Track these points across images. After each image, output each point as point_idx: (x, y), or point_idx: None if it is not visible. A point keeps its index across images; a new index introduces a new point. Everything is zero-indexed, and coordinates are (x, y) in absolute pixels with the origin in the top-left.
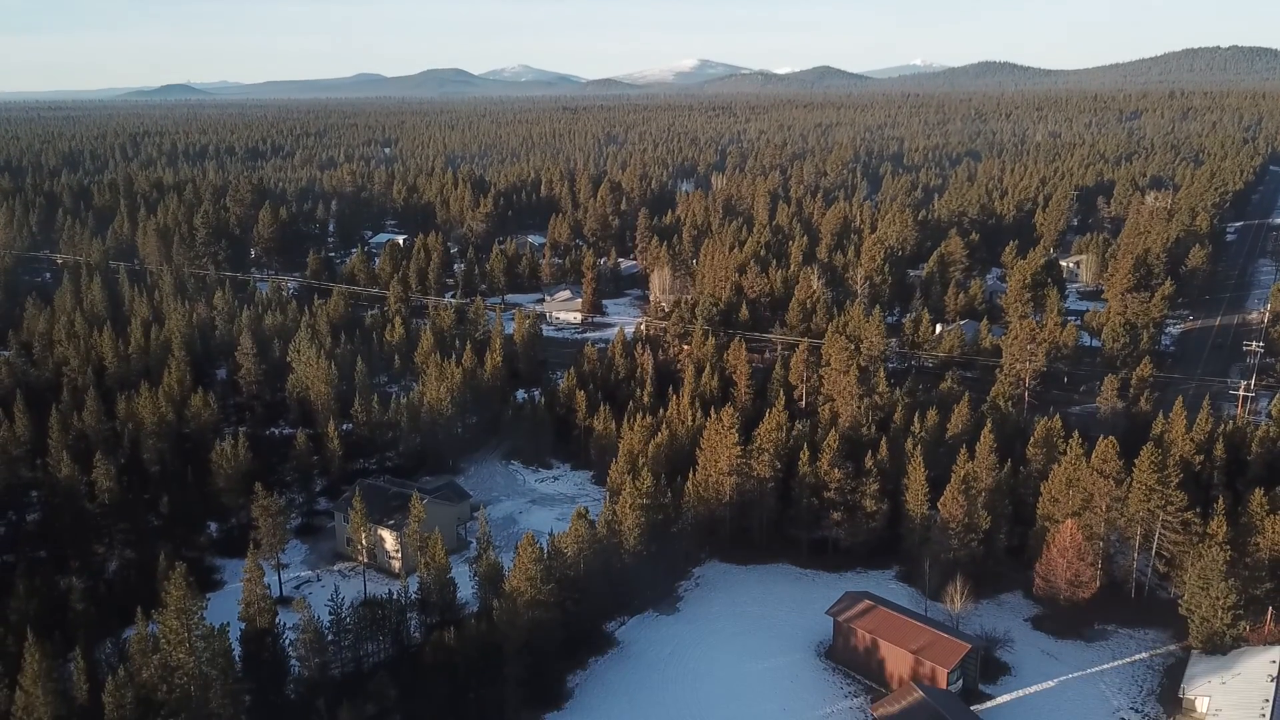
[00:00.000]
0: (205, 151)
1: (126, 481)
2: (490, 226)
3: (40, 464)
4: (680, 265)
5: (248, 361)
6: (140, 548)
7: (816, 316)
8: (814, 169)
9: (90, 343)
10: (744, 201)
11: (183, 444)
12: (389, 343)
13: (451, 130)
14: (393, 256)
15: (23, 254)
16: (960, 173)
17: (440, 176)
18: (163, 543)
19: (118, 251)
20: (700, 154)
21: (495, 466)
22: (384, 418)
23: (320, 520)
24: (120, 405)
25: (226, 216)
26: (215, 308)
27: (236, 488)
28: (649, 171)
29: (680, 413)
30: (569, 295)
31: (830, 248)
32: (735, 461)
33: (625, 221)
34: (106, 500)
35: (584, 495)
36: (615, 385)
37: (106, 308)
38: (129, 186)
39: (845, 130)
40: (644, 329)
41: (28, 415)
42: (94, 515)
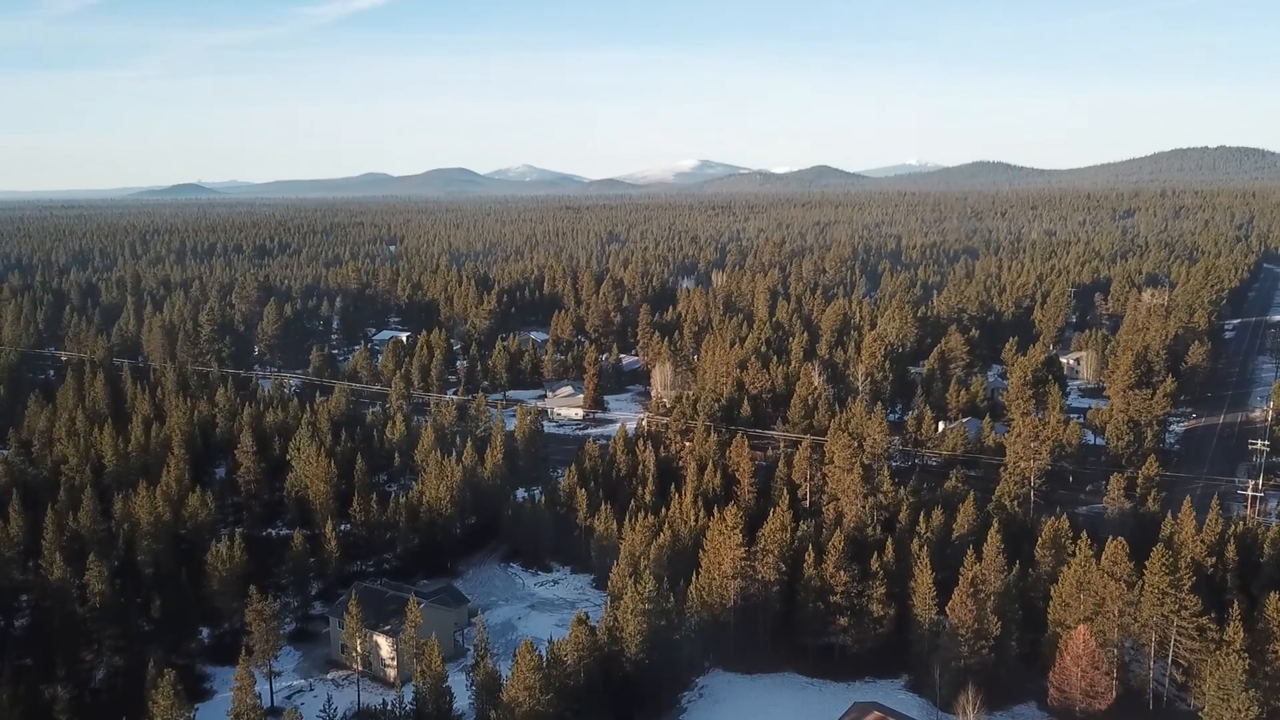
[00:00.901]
0: (213, 249)
1: (119, 584)
2: (493, 323)
3: (32, 566)
4: (682, 361)
5: (247, 460)
6: (129, 654)
7: (819, 413)
8: (813, 266)
9: (90, 440)
10: (744, 298)
11: (178, 545)
12: (390, 440)
13: (457, 228)
14: (396, 353)
15: (28, 351)
16: (958, 270)
17: (444, 273)
18: (153, 648)
19: (122, 348)
20: (701, 251)
21: (494, 569)
22: (383, 517)
23: (315, 625)
24: (117, 505)
25: (231, 313)
26: (217, 405)
27: (230, 591)
28: (650, 268)
29: (683, 512)
30: (571, 391)
31: (831, 344)
32: (739, 564)
33: (627, 317)
34: (97, 604)
35: (584, 600)
36: (617, 483)
37: (108, 405)
38: (136, 283)
39: (843, 228)
40: (646, 425)
41: (23, 515)
42: (84, 619)
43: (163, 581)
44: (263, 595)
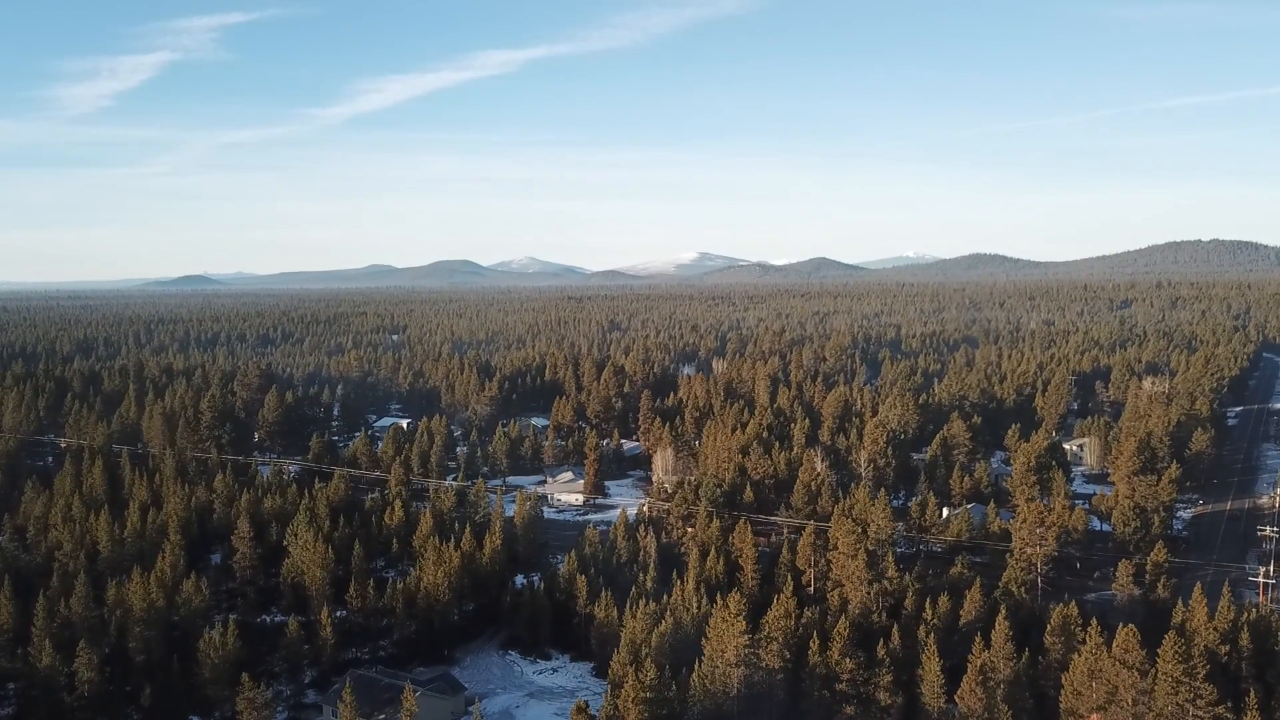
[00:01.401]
0: (217, 338)
1: (109, 672)
2: (494, 409)
3: (21, 653)
4: (683, 446)
5: (244, 545)
6: None
7: (822, 499)
8: (813, 354)
9: (86, 526)
10: (745, 385)
11: (171, 632)
12: (388, 526)
13: (459, 318)
14: (396, 439)
15: (28, 438)
16: (958, 358)
17: (446, 361)
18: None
19: (123, 435)
20: (701, 340)
21: (492, 657)
22: (379, 604)
23: (308, 714)
24: (111, 591)
25: (233, 400)
26: (215, 491)
27: (223, 679)
28: (652, 355)
29: (685, 599)
30: (571, 476)
31: (832, 430)
32: (743, 651)
33: (628, 403)
34: (85, 692)
35: (584, 689)
36: (617, 569)
37: (106, 491)
38: (139, 371)
39: (843, 318)
40: (647, 510)
41: (13, 602)
42: (72, 708)
43: (154, 669)
44: (255, 683)
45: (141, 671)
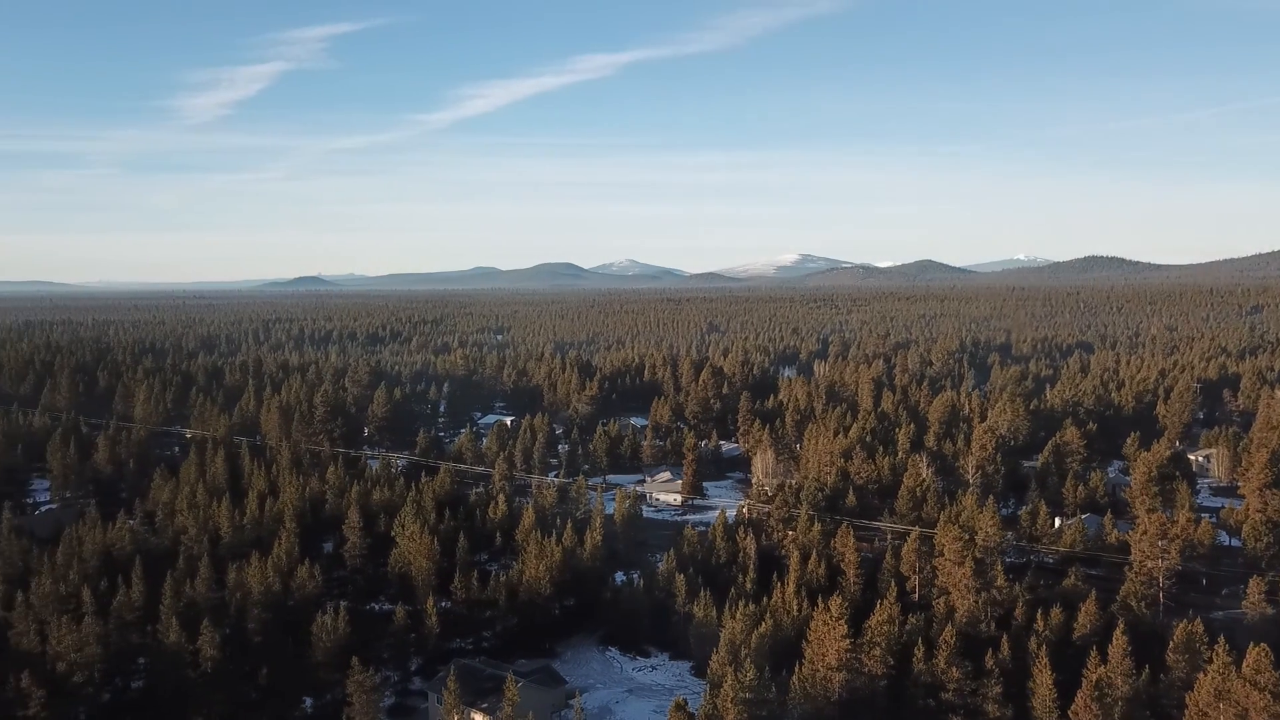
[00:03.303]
0: (329, 337)
1: (229, 651)
2: (594, 409)
3: (150, 630)
4: (783, 449)
5: (354, 535)
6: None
7: (927, 505)
8: (918, 358)
9: (209, 513)
10: (847, 388)
11: (286, 615)
12: (492, 520)
13: (561, 319)
14: (499, 436)
15: (156, 428)
16: (1072, 363)
17: (549, 361)
18: (259, 715)
19: (242, 427)
20: (802, 342)
21: (591, 652)
22: (482, 596)
23: (414, 700)
24: (231, 574)
25: (344, 396)
26: (327, 482)
27: (333, 662)
28: (751, 357)
29: (785, 601)
30: (669, 476)
31: (938, 435)
32: (844, 655)
33: (727, 405)
34: (209, 669)
35: (682, 687)
36: (716, 569)
37: (227, 480)
38: (258, 367)
39: (949, 321)
40: (746, 512)
41: (144, 582)
42: (195, 684)
43: (270, 650)
44: (364, 668)
45: (258, 652)
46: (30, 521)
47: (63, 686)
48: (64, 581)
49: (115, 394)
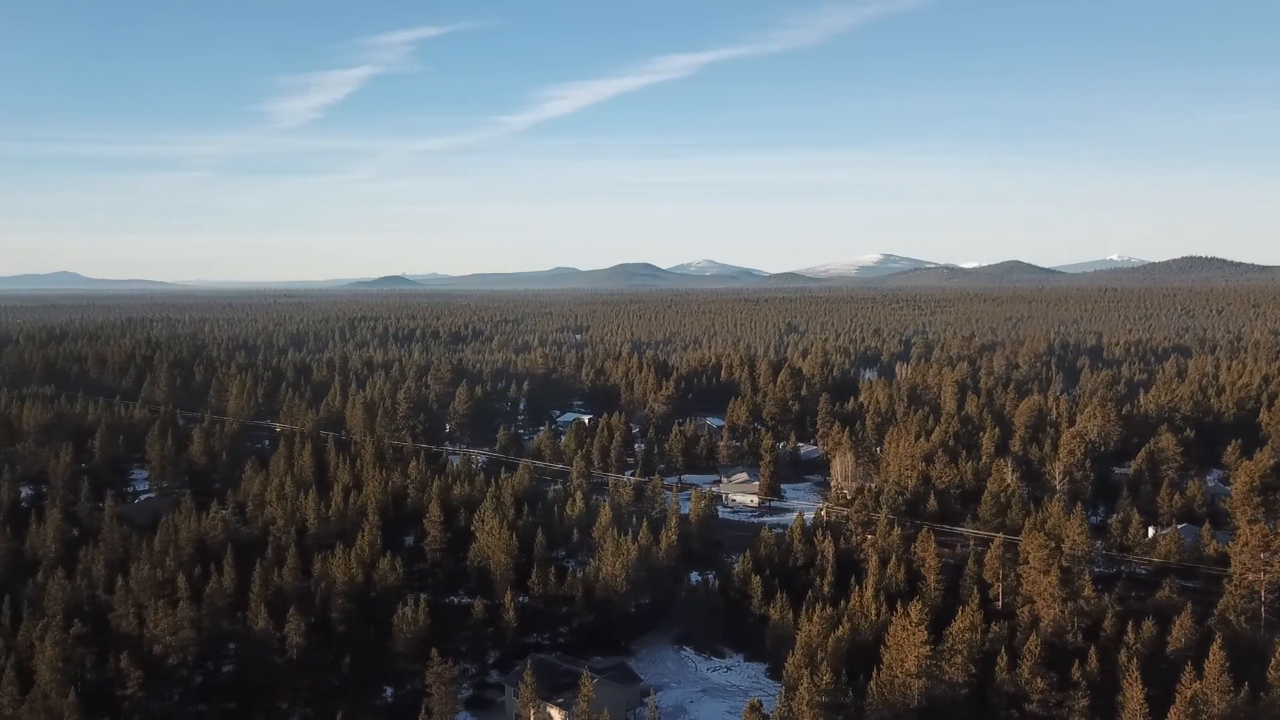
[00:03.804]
0: (413, 335)
1: (314, 639)
2: (671, 408)
3: (240, 617)
4: (863, 452)
5: (434, 529)
6: (320, 706)
7: (1012, 511)
8: (1004, 360)
9: (296, 504)
10: (930, 391)
11: (368, 606)
12: (569, 516)
13: (638, 319)
14: (578, 434)
15: (248, 422)
16: (1168, 368)
17: (626, 361)
18: (341, 702)
19: (329, 422)
20: (883, 344)
21: (666, 651)
22: (559, 592)
23: (491, 694)
24: (316, 565)
25: (427, 393)
26: (409, 477)
27: (413, 653)
28: (831, 359)
29: (863, 605)
30: (746, 477)
31: (1024, 440)
32: (924, 662)
33: (805, 406)
34: (295, 656)
35: (757, 689)
36: (793, 572)
37: (313, 473)
38: (344, 364)
39: (1037, 323)
40: (824, 515)
41: (234, 570)
42: (282, 670)
43: (353, 639)
44: (443, 660)
45: (342, 641)
46: (130, 509)
47: (159, 668)
48: (161, 568)
49: (210, 388)
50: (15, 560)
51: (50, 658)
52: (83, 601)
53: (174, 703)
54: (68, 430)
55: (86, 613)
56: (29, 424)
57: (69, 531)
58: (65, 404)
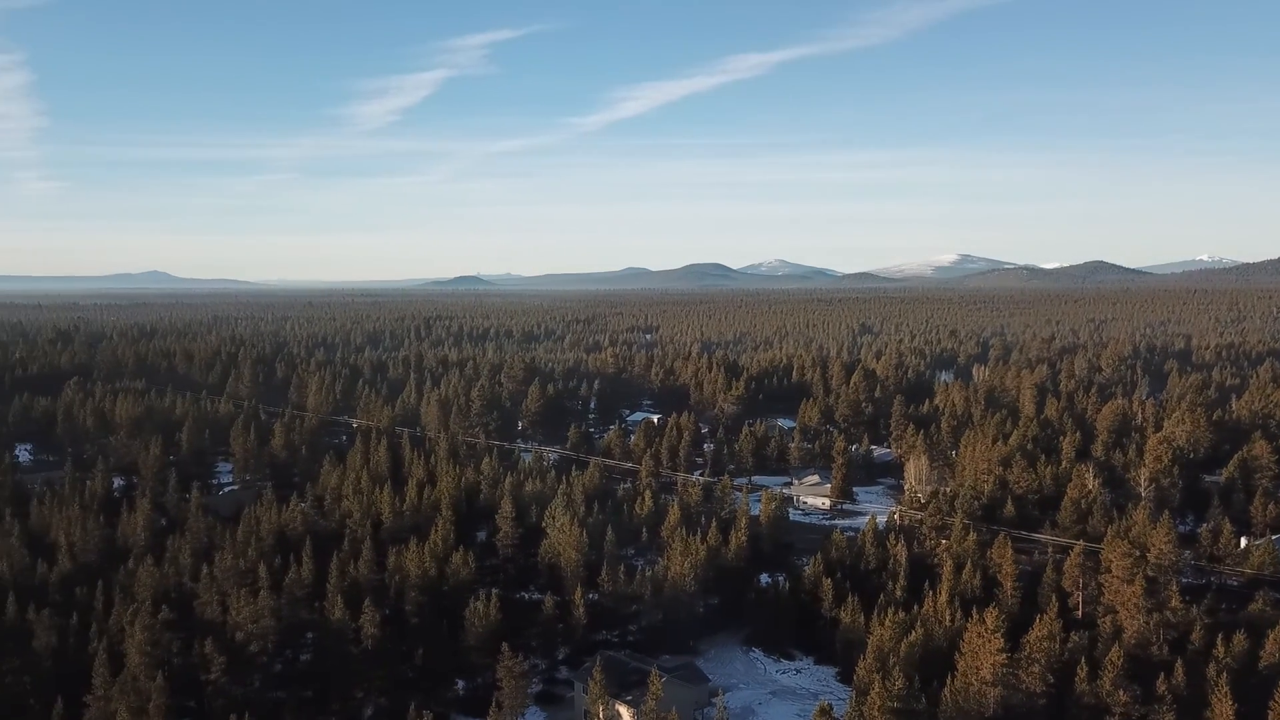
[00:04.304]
0: (486, 334)
1: (388, 630)
2: (741, 409)
3: (317, 607)
4: (938, 455)
5: (506, 525)
6: (394, 696)
7: (1093, 518)
8: (1086, 364)
9: (372, 498)
10: (1008, 394)
11: (441, 599)
12: (638, 515)
13: (709, 319)
14: (647, 433)
15: (326, 417)
16: (1262, 372)
17: (696, 360)
18: (414, 693)
19: (404, 418)
20: (960, 345)
21: (735, 651)
22: (628, 590)
23: (560, 689)
24: (391, 558)
25: (500, 391)
26: (482, 473)
27: (485, 647)
28: (905, 360)
29: (937, 611)
30: (817, 480)
31: (1107, 445)
32: (1000, 670)
33: (879, 408)
34: (369, 646)
35: (827, 692)
36: (864, 576)
37: (389, 468)
38: (419, 362)
39: (1122, 325)
40: (898, 518)
41: (313, 561)
42: (357, 660)
43: (426, 632)
44: (514, 654)
45: (415, 633)
46: (215, 501)
47: (241, 654)
48: (243, 557)
49: (290, 385)
50: (107, 548)
51: (139, 642)
52: (170, 589)
53: (255, 689)
54: (157, 423)
55: (173, 599)
56: (121, 417)
57: (157, 521)
58: (155, 398)
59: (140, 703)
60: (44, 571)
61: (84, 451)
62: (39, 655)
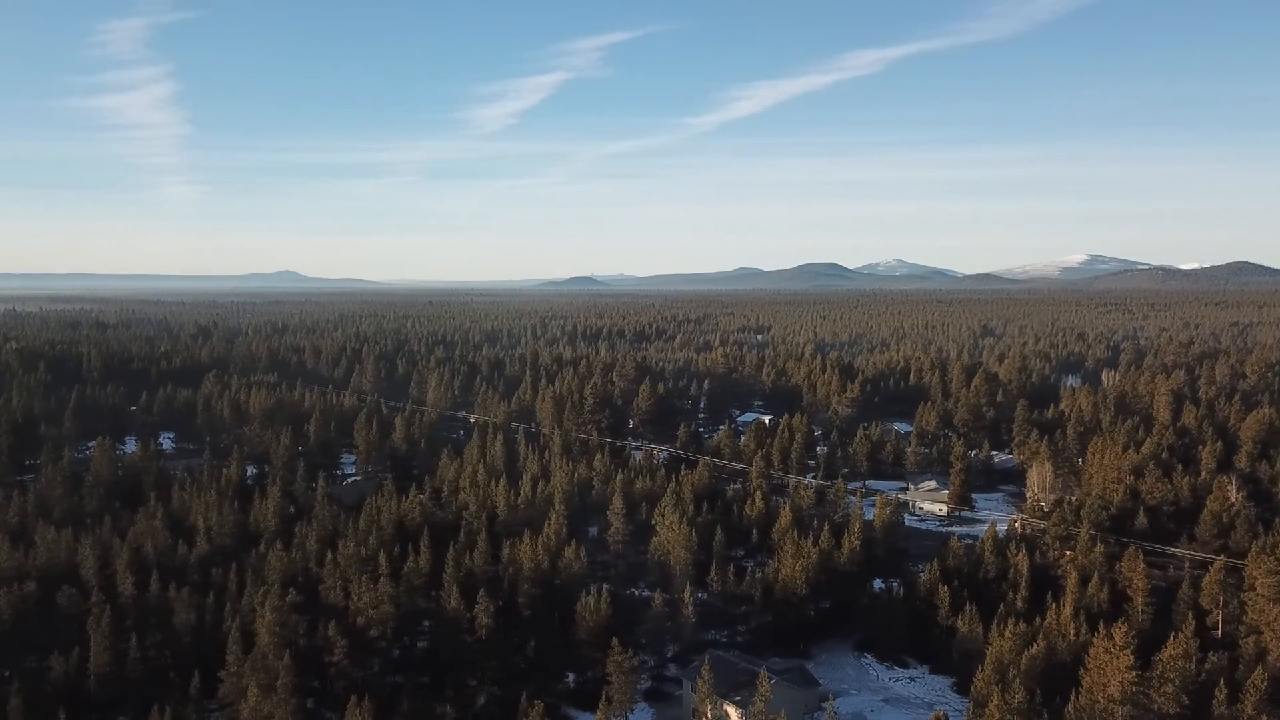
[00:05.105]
0: (599, 333)
1: (502, 622)
2: (855, 411)
3: (434, 596)
4: (1064, 463)
5: (617, 521)
6: (506, 686)
7: (1236, 533)
8: (1229, 370)
9: (487, 491)
10: (1141, 400)
11: (553, 593)
12: (748, 516)
13: (823, 319)
14: (758, 434)
15: (445, 412)
16: None
17: (809, 362)
18: (526, 684)
19: (519, 414)
20: (1089, 349)
21: (846, 657)
22: (737, 590)
23: (668, 687)
24: (505, 550)
25: (611, 389)
26: (594, 469)
27: (595, 641)
28: (1029, 364)
29: (1061, 624)
30: (935, 485)
31: (1252, 456)
32: (1129, 688)
33: (1001, 413)
34: (483, 636)
35: (942, 702)
36: (983, 585)
37: (504, 462)
38: (534, 360)
39: (1269, 330)
40: (1019, 527)
41: (430, 551)
42: (471, 649)
43: (538, 624)
44: (624, 650)
45: (527, 625)
46: (339, 490)
47: (361, 638)
48: (364, 546)
49: (411, 380)
50: (241, 532)
51: (269, 622)
52: (297, 573)
53: (374, 672)
54: (287, 415)
55: (300, 583)
56: (255, 409)
57: (287, 508)
58: (286, 391)
59: (269, 680)
60: (184, 552)
61: (221, 441)
62: (179, 631)
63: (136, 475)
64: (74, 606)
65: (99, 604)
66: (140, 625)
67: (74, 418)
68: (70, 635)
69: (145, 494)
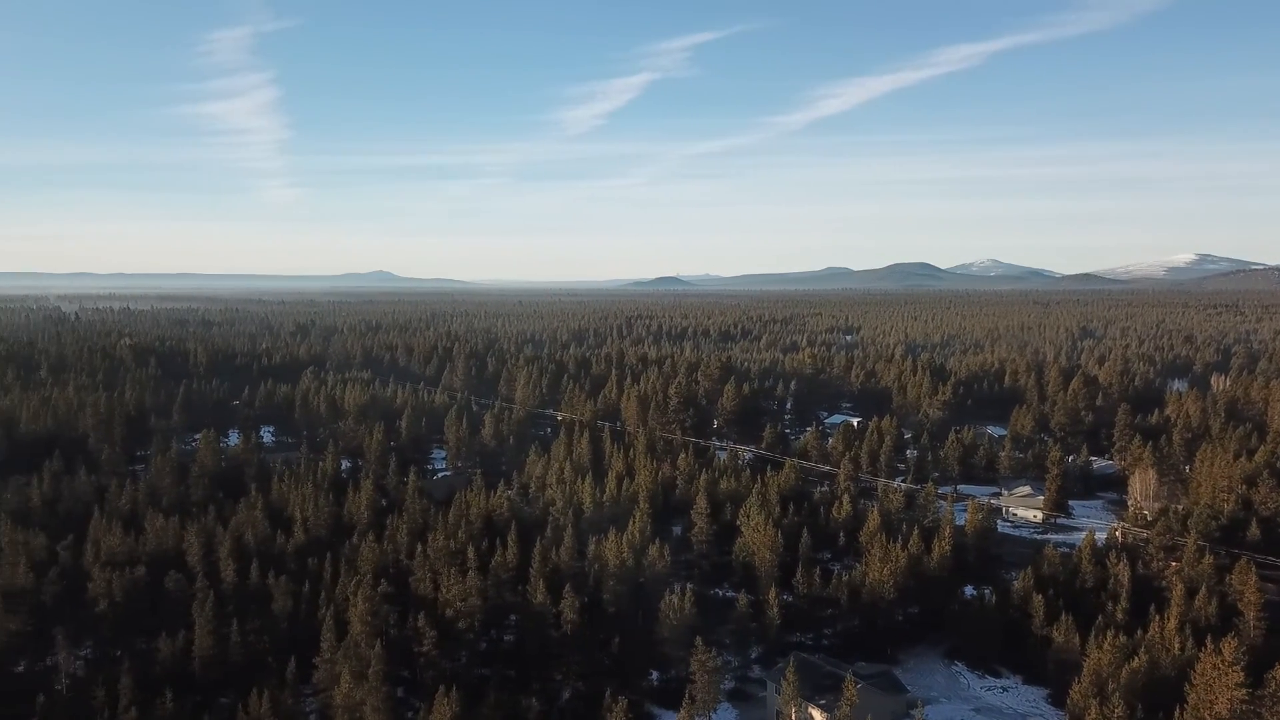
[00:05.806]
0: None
1: (587, 617)
2: (947, 414)
3: (521, 590)
4: (1168, 470)
5: (701, 520)
6: (590, 681)
7: None
8: None
9: (574, 488)
10: (1254, 406)
11: (637, 590)
12: (835, 519)
13: (914, 320)
14: (846, 436)
15: (533, 410)
16: None
17: (899, 363)
18: (610, 680)
19: (605, 413)
20: (1197, 352)
21: (935, 664)
22: (824, 593)
23: (752, 688)
24: (591, 546)
25: (696, 389)
26: (678, 469)
27: (679, 640)
28: (1132, 367)
29: (1165, 637)
30: (1029, 491)
31: None
32: (1240, 706)
33: (1100, 418)
34: (569, 631)
35: (1036, 714)
36: (1080, 594)
37: (590, 460)
38: (620, 359)
39: None
40: (1120, 536)
41: (518, 546)
42: (557, 644)
43: (622, 621)
44: (707, 649)
45: (611, 622)
46: (429, 485)
47: (450, 630)
48: (454, 539)
49: (500, 378)
50: (335, 523)
51: (361, 612)
52: (388, 564)
53: (462, 664)
54: (380, 411)
55: (391, 575)
56: (349, 404)
57: (379, 501)
58: (379, 388)
59: (361, 668)
60: (282, 542)
61: (317, 435)
62: (277, 617)
63: (239, 467)
64: (180, 591)
65: (203, 589)
66: (241, 611)
67: (181, 411)
68: (176, 618)
69: (246, 485)
